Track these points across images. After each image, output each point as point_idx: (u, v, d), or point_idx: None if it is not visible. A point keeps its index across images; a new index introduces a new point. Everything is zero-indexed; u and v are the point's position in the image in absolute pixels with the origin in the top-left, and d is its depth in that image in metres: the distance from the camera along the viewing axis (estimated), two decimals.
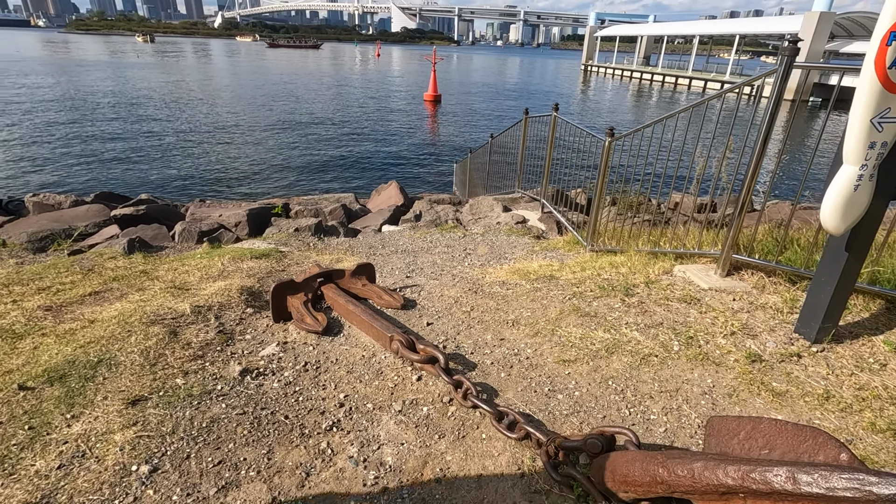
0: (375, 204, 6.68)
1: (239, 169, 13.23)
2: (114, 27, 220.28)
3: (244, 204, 6.26)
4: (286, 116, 22.86)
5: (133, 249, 4.43)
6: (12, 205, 5.85)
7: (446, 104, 31.13)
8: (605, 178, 4.23)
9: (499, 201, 5.88)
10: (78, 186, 10.94)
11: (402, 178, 13.78)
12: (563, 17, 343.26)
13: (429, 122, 24.44)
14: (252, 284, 3.58)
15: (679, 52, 76.97)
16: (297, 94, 32.38)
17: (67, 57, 63.53)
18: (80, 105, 23.15)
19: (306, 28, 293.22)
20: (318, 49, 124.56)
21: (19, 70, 41.98)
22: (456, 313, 2.80)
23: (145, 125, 18.15)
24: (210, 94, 30.57)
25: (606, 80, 60.03)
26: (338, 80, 44.95)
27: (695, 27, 53.52)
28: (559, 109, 5.35)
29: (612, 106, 35.72)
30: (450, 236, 5.03)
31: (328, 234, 5.13)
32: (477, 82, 50.94)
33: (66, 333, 2.65)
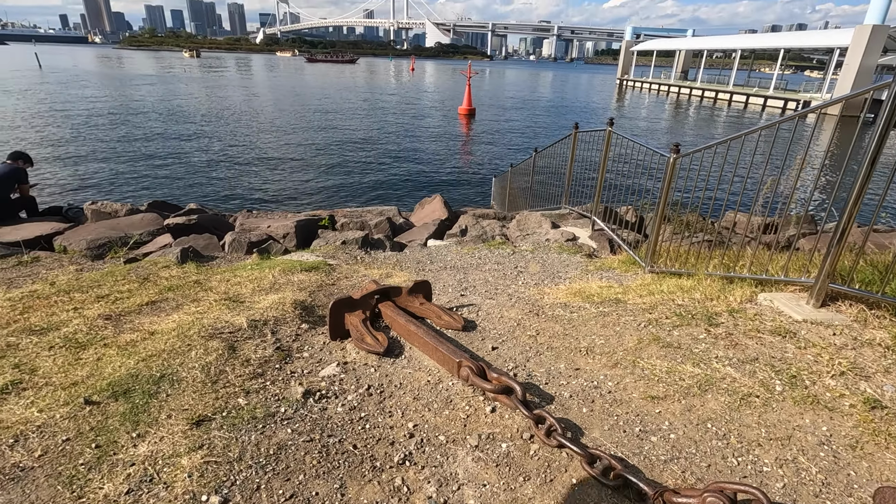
0: (419, 217, 6.62)
1: (280, 180, 13.47)
2: (163, 43, 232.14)
3: (290, 215, 6.30)
4: (325, 129, 23.33)
5: (186, 259, 4.47)
6: (72, 212, 6.05)
7: (480, 118, 31.19)
8: (667, 196, 4.03)
9: (547, 217, 5.71)
10: (130, 195, 11.35)
11: (438, 190, 13.76)
12: (597, 31, 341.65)
13: (463, 136, 24.49)
14: (304, 298, 3.53)
15: (718, 66, 75.12)
16: (335, 108, 33.10)
17: (120, 71, 67.05)
18: (130, 117, 24.24)
19: (343, 43, 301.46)
20: (354, 63, 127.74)
21: (78, 83, 44.52)
22: (521, 337, 2.65)
23: (191, 136, 18.80)
24: (252, 107, 31.57)
25: (643, 95, 59.15)
26: (374, 94, 45.78)
27: (736, 41, 52.28)
28: (613, 124, 5.18)
29: (652, 120, 35.03)
30: (499, 253, 4.89)
31: (375, 248, 5.07)
32: (510, 96, 50.98)
33: (128, 345, 2.63)
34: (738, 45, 49.72)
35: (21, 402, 2.09)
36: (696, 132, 28.84)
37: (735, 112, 41.88)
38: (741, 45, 49.89)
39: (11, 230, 5.09)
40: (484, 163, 17.82)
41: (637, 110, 42.54)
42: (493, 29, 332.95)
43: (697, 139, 25.98)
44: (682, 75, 64.64)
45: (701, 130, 30.43)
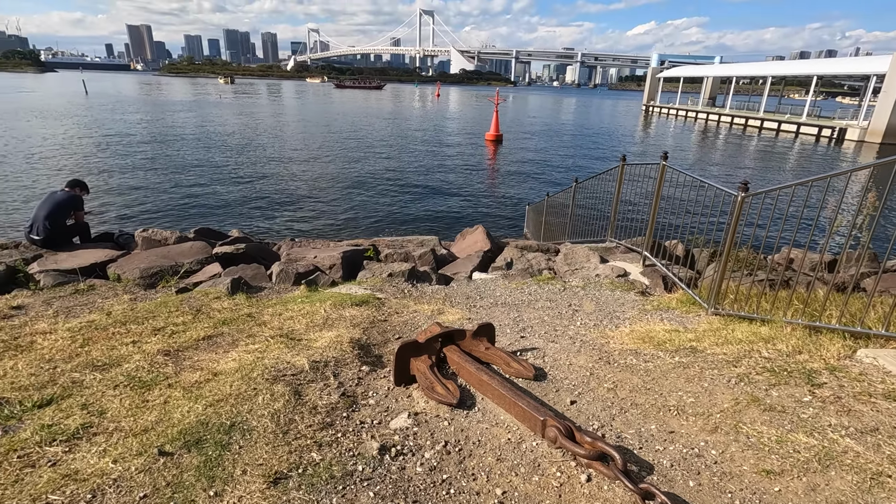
0: (461, 248, 6.54)
1: (316, 206, 13.65)
2: (200, 70, 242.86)
3: (333, 244, 6.30)
4: (355, 155, 23.75)
5: (236, 290, 4.46)
6: (123, 238, 6.18)
7: (507, 144, 31.35)
8: (734, 235, 3.85)
9: (595, 251, 5.56)
10: (174, 220, 11.62)
11: (470, 217, 13.72)
12: (620, 58, 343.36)
13: (492, 163, 24.57)
14: (359, 336, 3.46)
15: (745, 92, 74.28)
16: (365, 134, 33.77)
17: (159, 97, 70.16)
18: (170, 143, 25.16)
19: (370, 70, 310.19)
20: (380, 89, 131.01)
21: (121, 109, 46.69)
22: (598, 390, 2.50)
23: (229, 162, 19.34)
24: (285, 133, 32.46)
25: (669, 121, 58.73)
26: (401, 120, 46.61)
27: (768, 68, 51.73)
28: (667, 158, 5.04)
29: (683, 148, 34.61)
30: (549, 289, 4.75)
31: (421, 281, 4.99)
32: (536, 122, 51.25)
33: (193, 387, 2.58)
34: (770, 73, 49.12)
35: (94, 449, 2.04)
36: (731, 161, 28.31)
37: (767, 139, 41.11)
38: (773, 72, 49.29)
39: (68, 257, 5.20)
40: (514, 189, 17.78)
41: (665, 137, 42.17)
42: (517, 56, 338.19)
43: (736, 170, 25.53)
44: (710, 101, 64.10)
45: (736, 159, 29.91)
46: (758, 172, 23.94)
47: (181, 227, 10.78)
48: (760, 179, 22.08)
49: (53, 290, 4.44)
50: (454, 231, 12.33)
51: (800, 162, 28.48)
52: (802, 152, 33.07)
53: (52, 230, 5.63)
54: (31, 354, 3.14)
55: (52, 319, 3.87)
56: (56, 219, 5.70)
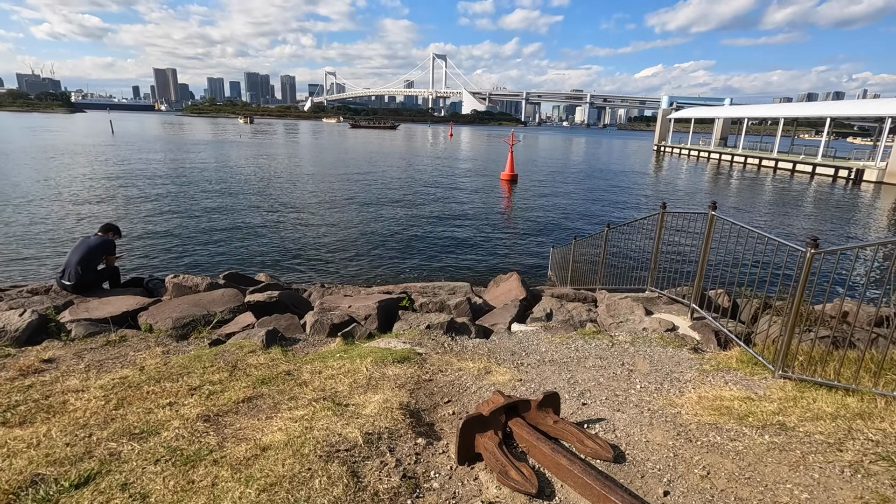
0: (495, 296, 6.35)
1: (340, 249, 13.55)
2: (221, 111, 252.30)
3: (364, 291, 6.15)
4: (373, 196, 23.98)
5: (271, 343, 4.29)
6: (152, 283, 6.10)
7: (522, 184, 31.54)
8: (802, 294, 3.62)
9: (639, 303, 5.33)
10: (199, 261, 11.57)
11: (492, 258, 13.57)
12: (629, 99, 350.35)
13: (509, 203, 24.62)
14: (407, 400, 3.24)
15: (755, 132, 74.74)
16: (382, 175, 34.28)
17: (181, 136, 72.49)
18: (192, 184, 25.69)
19: (384, 111, 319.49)
20: (394, 129, 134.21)
21: (145, 149, 48.17)
22: (689, 477, 2.24)
23: (251, 205, 19.51)
24: (304, 174, 33.07)
25: (681, 161, 58.97)
26: (417, 161, 47.40)
27: (780, 110, 52.18)
28: (716, 208, 4.87)
29: (699, 189, 34.54)
30: (596, 344, 4.51)
31: (460, 333, 4.78)
32: (550, 162, 51.77)
33: (241, 464, 2.37)
34: (783, 114, 49.49)
35: None
36: (754, 203, 28.06)
37: (782, 179, 40.95)
38: (786, 113, 49.66)
39: (99, 304, 5.10)
40: (533, 230, 17.67)
41: (679, 177, 42.21)
42: (527, 97, 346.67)
43: (763, 213, 25.29)
44: (722, 142, 64.54)
45: (757, 200, 29.69)
46: (789, 218, 23.64)
47: (208, 269, 10.73)
48: (793, 224, 21.81)
49: (85, 341, 4.31)
50: (478, 273, 12.18)
51: (822, 204, 28.10)
52: (822, 194, 32.73)
53: (83, 275, 5.57)
54: (64, 418, 2.97)
55: (83, 375, 3.71)
56: (88, 264, 5.64)
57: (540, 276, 12.21)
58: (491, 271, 12.47)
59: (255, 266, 11.16)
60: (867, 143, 58.61)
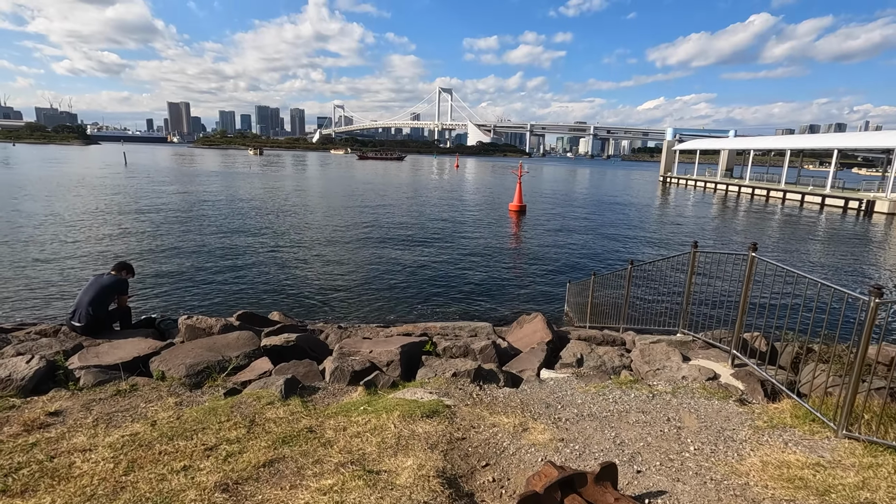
0: (518, 338, 6.08)
1: (353, 285, 13.25)
2: (231, 142, 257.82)
3: (382, 332, 5.91)
4: (384, 229, 23.96)
5: (290, 393, 4.05)
6: (164, 324, 5.90)
7: (531, 215, 31.50)
8: (867, 347, 3.35)
9: (675, 348, 5.05)
10: (210, 298, 11.28)
11: (508, 295, 13.31)
12: (632, 131, 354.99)
13: (519, 235, 24.46)
14: (443, 465, 2.96)
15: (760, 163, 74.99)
16: (391, 207, 34.44)
17: (192, 167, 73.69)
18: (202, 216, 25.84)
19: (391, 142, 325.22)
20: (401, 161, 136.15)
21: (156, 180, 48.90)
22: None
23: (260, 239, 19.34)
24: (315, 208, 33.24)
25: (688, 191, 59.04)
26: (425, 192, 47.72)
27: (787, 142, 52.47)
28: (757, 249, 4.65)
29: (710, 220, 34.33)
30: (635, 396, 4.22)
31: (487, 381, 4.51)
32: (557, 192, 51.96)
33: None
34: (790, 146, 49.69)
35: None
36: (771, 235, 27.72)
37: (791, 209, 40.72)
38: (793, 145, 49.87)
39: (109, 348, 4.89)
40: (546, 264, 17.42)
41: (687, 207, 42.06)
42: (531, 129, 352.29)
43: (778, 243, 24.97)
44: (728, 172, 64.75)
45: (772, 232, 29.39)
46: (812, 253, 23.32)
47: (220, 307, 10.47)
48: (818, 260, 21.48)
49: (94, 391, 4.07)
50: (493, 308, 11.89)
51: (840, 237, 27.66)
52: (836, 225, 32.38)
53: (94, 316, 5.38)
54: (69, 486, 2.71)
55: (91, 430, 3.47)
56: (100, 304, 5.47)
57: (556, 313, 11.91)
58: (506, 307, 12.20)
59: (268, 304, 10.92)
60: (875, 175, 58.54)
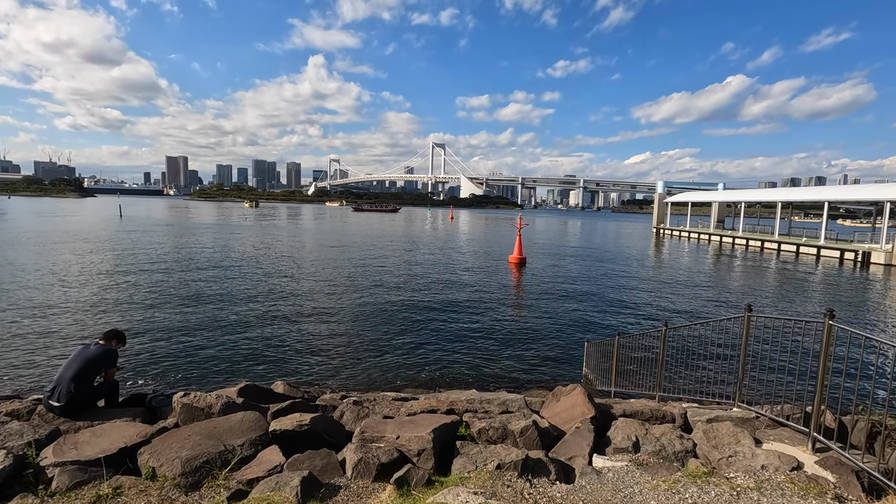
0: (555, 413, 5.42)
1: (357, 347, 12.33)
2: (227, 195, 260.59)
3: (403, 407, 5.23)
4: (384, 284, 23.39)
5: (307, 496, 3.36)
6: (156, 401, 5.19)
7: (532, 267, 31.15)
8: None
9: (744, 430, 4.43)
10: (207, 367, 10.24)
11: (518, 356, 12.63)
12: (620, 184, 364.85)
13: (521, 288, 23.93)
14: None
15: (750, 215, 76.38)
16: (389, 259, 34.05)
17: (188, 220, 73.53)
18: (195, 271, 25.20)
19: (386, 195, 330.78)
20: (396, 212, 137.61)
21: (151, 233, 48.46)
22: None
23: (257, 298, 18.31)
24: (311, 262, 32.76)
25: (681, 243, 59.45)
26: (423, 244, 47.59)
27: (779, 195, 53.60)
28: (834, 316, 4.16)
29: (712, 273, 34.13)
30: (717, 495, 3.57)
31: (536, 474, 3.85)
32: (554, 244, 52.04)
33: None
34: (782, 198, 50.70)
35: None
36: (776, 289, 27.43)
37: (787, 261, 40.80)
38: (784, 198, 50.91)
39: (90, 436, 4.18)
40: (554, 319, 16.81)
41: (688, 259, 42.01)
42: (523, 182, 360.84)
43: (791, 300, 24.64)
44: (720, 224, 65.68)
45: (770, 284, 29.14)
46: (825, 306, 22.97)
47: (218, 377, 9.48)
48: (845, 315, 21.08)
49: (68, 497, 3.36)
50: (508, 371, 11.13)
51: (850, 290, 27.39)
52: (839, 277, 32.21)
53: (76, 394, 4.70)
54: None
55: None
56: (84, 379, 4.80)
57: (573, 374, 11.20)
58: (521, 368, 11.49)
59: (271, 371, 10.06)
60: (862, 225, 59.60)
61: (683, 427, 5.11)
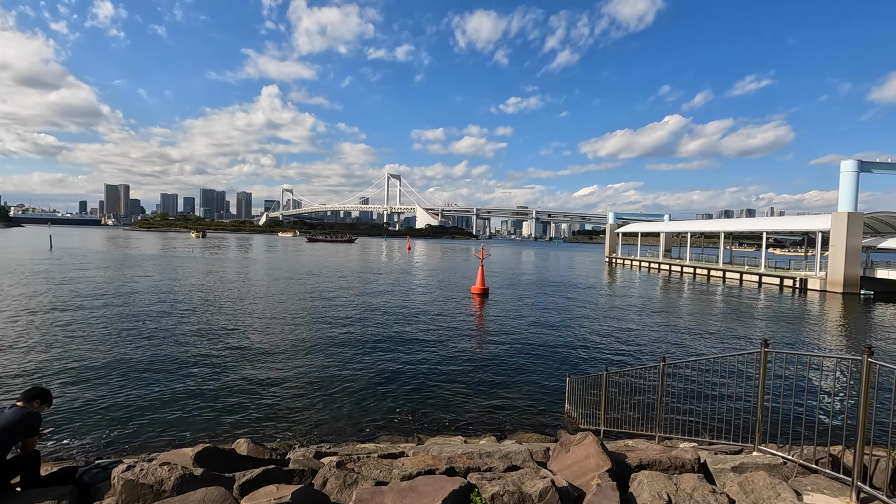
0: (565, 466, 4.84)
1: (320, 392, 11.08)
2: (172, 225, 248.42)
3: (395, 467, 4.48)
4: (344, 323, 22.29)
5: None
6: (89, 476, 4.18)
7: (495, 298, 30.87)
8: None
9: (781, 481, 4.02)
10: (152, 427, 8.68)
11: (493, 393, 12.02)
12: (570, 214, 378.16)
13: (487, 320, 23.42)
14: None
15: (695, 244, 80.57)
16: (347, 291, 32.86)
17: (126, 250, 68.82)
18: (133, 309, 23.10)
19: (340, 225, 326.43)
20: (352, 243, 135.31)
21: (83, 265, 44.78)
22: None
23: (207, 339, 16.49)
24: (265, 296, 31.04)
25: (633, 271, 61.43)
26: (380, 276, 46.54)
27: (722, 225, 56.75)
28: (873, 353, 3.88)
29: (661, 299, 35.02)
30: None
31: None
32: (513, 273, 52.29)
33: None
34: (724, 229, 53.69)
35: None
36: (736, 315, 28.37)
37: (732, 287, 42.79)
38: (727, 228, 53.94)
39: None
40: (525, 352, 16.34)
41: (640, 288, 43.17)
42: (477, 213, 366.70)
43: (759, 326, 25.39)
44: (667, 253, 68.65)
45: (719, 312, 30.14)
46: (786, 332, 23.77)
47: (164, 436, 8.17)
48: (782, 339, 21.76)
49: None
50: (489, 412, 10.41)
51: (803, 316, 28.70)
52: (786, 303, 33.82)
53: None
54: None
55: None
56: None
57: (555, 411, 10.69)
58: (502, 406, 10.87)
59: (224, 421, 8.88)
60: (798, 254, 64.03)
61: (706, 476, 4.66)
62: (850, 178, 38.19)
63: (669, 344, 18.48)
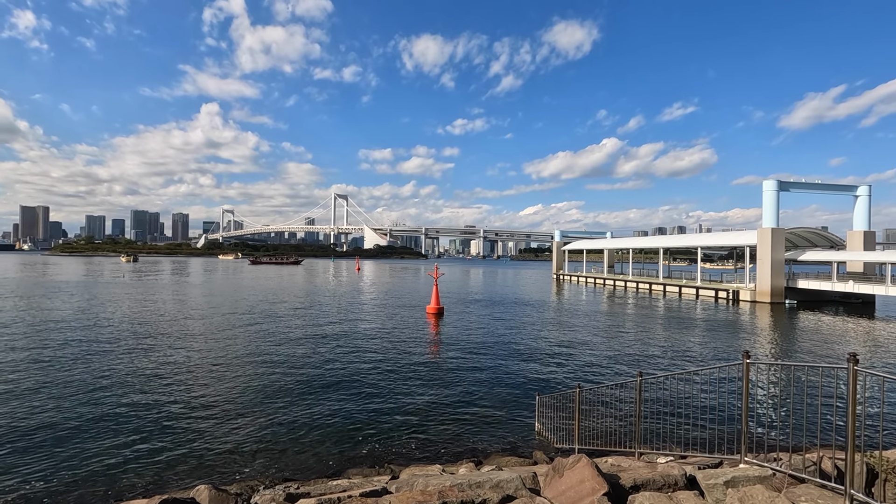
0: (559, 492, 4.62)
1: (280, 423, 10.38)
2: (99, 249, 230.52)
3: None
4: (296, 347, 21.22)
5: None
6: None
7: (450, 317, 30.65)
8: None
9: (778, 494, 4.01)
10: (94, 480, 7.55)
11: (459, 417, 11.71)
12: (516, 233, 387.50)
13: (443, 341, 23.10)
14: None
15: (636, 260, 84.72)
16: (298, 316, 31.53)
17: (44, 277, 62.86)
18: (51, 342, 21.10)
19: (285, 246, 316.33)
20: (298, 265, 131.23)
21: None
22: None
23: (146, 372, 15.33)
24: (205, 322, 29.26)
25: (579, 286, 63.41)
26: (331, 297, 45.19)
27: (661, 241, 59.83)
28: (858, 361, 3.98)
29: (608, 311, 36.16)
30: None
31: None
32: (465, 291, 52.38)
33: None
34: (663, 245, 56.60)
35: None
36: (682, 326, 29.56)
37: (673, 300, 45.06)
38: (665, 244, 56.89)
39: None
40: (485, 371, 16.14)
41: (588, 302, 44.49)
42: (426, 232, 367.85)
43: (699, 335, 26.44)
44: (611, 269, 71.56)
45: (686, 324, 31.41)
46: (726, 339, 24.90)
47: (110, 486, 7.19)
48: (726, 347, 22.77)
49: None
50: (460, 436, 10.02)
51: (741, 324, 30.41)
52: (723, 313, 35.82)
53: None
54: None
55: None
56: None
57: (525, 431, 10.50)
58: (467, 428, 10.55)
59: (178, 465, 7.95)
60: (728, 267, 68.60)
61: (699, 492, 4.60)
62: (772, 196, 41.63)
63: (632, 357, 18.94)
